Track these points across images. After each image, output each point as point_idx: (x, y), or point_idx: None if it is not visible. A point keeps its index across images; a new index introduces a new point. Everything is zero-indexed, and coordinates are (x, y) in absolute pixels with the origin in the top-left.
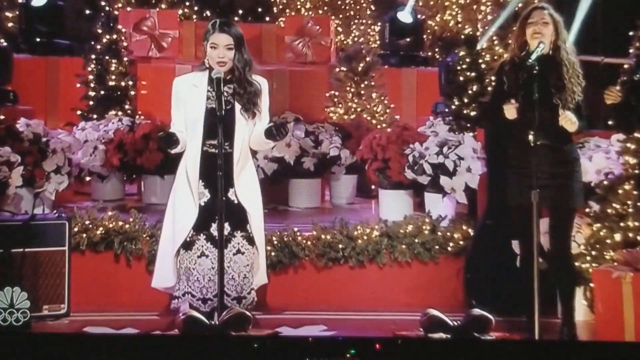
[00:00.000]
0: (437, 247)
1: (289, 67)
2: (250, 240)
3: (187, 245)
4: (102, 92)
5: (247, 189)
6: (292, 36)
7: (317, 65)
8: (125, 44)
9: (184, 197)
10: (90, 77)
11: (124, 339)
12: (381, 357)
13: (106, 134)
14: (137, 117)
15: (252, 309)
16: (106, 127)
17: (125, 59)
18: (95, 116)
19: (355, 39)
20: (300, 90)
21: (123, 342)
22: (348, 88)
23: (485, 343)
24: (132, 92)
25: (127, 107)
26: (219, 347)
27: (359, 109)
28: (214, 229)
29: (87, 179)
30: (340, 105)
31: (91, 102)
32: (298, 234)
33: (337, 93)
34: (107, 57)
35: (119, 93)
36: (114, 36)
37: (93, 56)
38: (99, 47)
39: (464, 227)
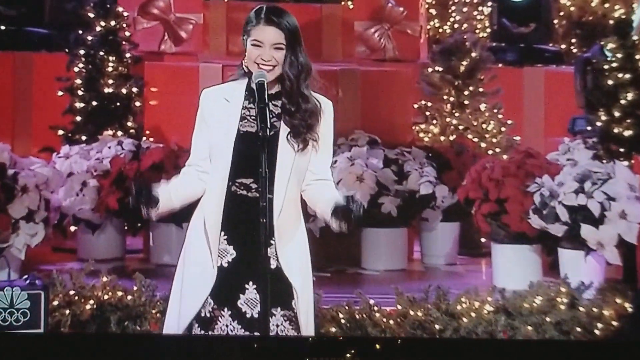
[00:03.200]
0: (578, 329)
1: (360, 67)
2: (295, 323)
3: (205, 323)
4: (95, 103)
5: (292, 253)
6: (366, 22)
7: (401, 64)
8: (127, 33)
9: (196, 253)
10: (78, 81)
11: (125, 338)
12: (381, 357)
13: (100, 163)
14: (144, 138)
15: None
16: (100, 153)
17: (128, 55)
18: (84, 138)
19: (456, 25)
20: (376, 100)
21: (124, 342)
22: (445, 97)
23: (487, 343)
24: (138, 103)
25: (129, 124)
26: (219, 347)
27: (461, 127)
28: (242, 302)
29: (72, 228)
30: (434, 122)
31: (78, 118)
32: (375, 308)
33: (429, 104)
34: (101, 53)
35: (118, 104)
36: (112, 22)
37: (82, 51)
38: (89, 37)
39: (618, 301)
